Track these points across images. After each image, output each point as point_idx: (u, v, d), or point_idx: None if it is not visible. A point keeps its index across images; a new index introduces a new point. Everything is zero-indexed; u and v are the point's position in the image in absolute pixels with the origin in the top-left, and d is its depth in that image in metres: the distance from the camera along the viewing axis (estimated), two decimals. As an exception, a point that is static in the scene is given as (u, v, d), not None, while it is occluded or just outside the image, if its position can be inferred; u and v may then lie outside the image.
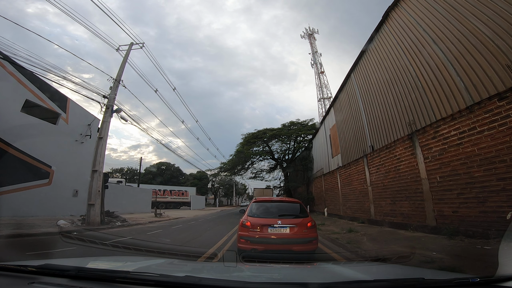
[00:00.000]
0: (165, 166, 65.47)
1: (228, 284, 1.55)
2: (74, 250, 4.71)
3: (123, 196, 22.60)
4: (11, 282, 1.48)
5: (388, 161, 9.43)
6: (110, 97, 13.77)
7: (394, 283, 1.52)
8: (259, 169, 33.88)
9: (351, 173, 13.14)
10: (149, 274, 1.51)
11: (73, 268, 1.54)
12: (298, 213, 5.20)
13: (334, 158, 16.49)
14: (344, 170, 14.35)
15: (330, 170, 17.20)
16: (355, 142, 12.98)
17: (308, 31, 55.59)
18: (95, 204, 11.52)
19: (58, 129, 16.17)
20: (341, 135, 15.32)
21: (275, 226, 4.72)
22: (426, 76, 7.88)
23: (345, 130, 14.68)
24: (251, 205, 5.45)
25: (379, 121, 10.53)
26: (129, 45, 15.79)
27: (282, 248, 4.59)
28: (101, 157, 12.44)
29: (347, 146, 14.19)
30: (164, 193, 42.41)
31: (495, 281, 1.33)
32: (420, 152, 7.71)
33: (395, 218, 8.90)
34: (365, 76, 12.32)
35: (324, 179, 18.62)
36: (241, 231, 4.87)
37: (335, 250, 6.45)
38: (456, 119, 6.56)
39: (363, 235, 8.32)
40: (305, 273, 2.23)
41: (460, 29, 6.69)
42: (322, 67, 52.68)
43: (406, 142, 8.47)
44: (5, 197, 11.91)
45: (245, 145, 26.36)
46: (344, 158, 14.56)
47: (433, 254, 4.81)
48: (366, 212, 11.22)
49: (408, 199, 8.15)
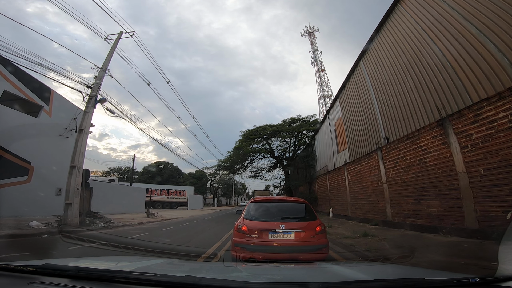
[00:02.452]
0: (163, 165, 64.97)
1: (228, 284, 1.55)
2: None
3: (114, 195, 21.24)
4: (11, 282, 1.47)
5: (410, 153, 8.10)
6: (94, 86, 12.44)
7: (394, 283, 1.53)
8: (259, 168, 32.53)
9: (362, 169, 11.81)
10: (149, 274, 1.51)
11: (73, 268, 1.55)
12: (305, 215, 4.44)
13: (340, 153, 15.16)
14: (352, 166, 13.02)
15: (335, 167, 15.86)
16: (366, 135, 11.65)
17: (308, 29, 54.60)
18: (73, 203, 10.16)
19: (40, 122, 14.82)
20: (349, 128, 13.99)
21: (277, 231, 3.97)
22: (456, 55, 6.72)
23: (353, 122, 13.35)
24: (248, 205, 4.65)
25: (396, 110, 9.21)
26: (118, 34, 14.56)
27: (286, 257, 3.83)
28: (81, 151, 11.08)
29: (355, 140, 12.85)
30: (161, 193, 40.96)
31: (495, 281, 1.32)
32: (455, 141, 6.39)
33: (419, 220, 7.57)
34: (377, 61, 11.00)
35: (328, 177, 17.27)
36: (236, 237, 4.11)
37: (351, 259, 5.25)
38: (505, 97, 5.26)
39: (383, 240, 6.99)
40: (305, 273, 2.19)
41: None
42: (322, 65, 51.84)
43: (434, 130, 7.14)
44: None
45: (244, 141, 24.89)
46: (352, 153, 13.22)
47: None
48: (380, 213, 9.89)
49: (439, 197, 6.81)
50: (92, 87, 12.42)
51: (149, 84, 17.36)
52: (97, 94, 12.49)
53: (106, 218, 12.67)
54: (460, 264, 4.13)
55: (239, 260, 2.62)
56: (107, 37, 14.33)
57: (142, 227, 12.11)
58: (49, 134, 15.32)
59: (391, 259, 3.37)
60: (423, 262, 4.49)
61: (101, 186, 20.34)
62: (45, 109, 15.30)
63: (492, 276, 1.35)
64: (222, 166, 27.81)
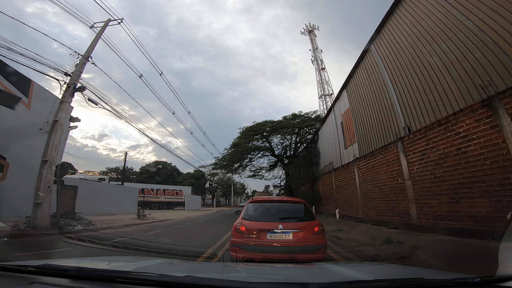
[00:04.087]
0: (162, 165, 64.19)
1: (228, 284, 1.55)
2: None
3: (103, 195, 19.79)
4: (11, 282, 1.46)
5: (444, 142, 6.69)
6: (73, 74, 11.06)
7: (394, 283, 1.52)
8: (258, 167, 31.04)
9: (376, 165, 10.40)
10: (149, 274, 1.50)
11: (73, 268, 1.54)
12: (303, 215, 4.47)
13: (348, 148, 13.78)
14: (364, 162, 11.62)
15: (342, 164, 14.45)
16: (380, 126, 10.26)
17: (308, 28, 53.79)
18: (43, 203, 8.75)
19: (17, 115, 13.38)
20: (358, 120, 12.61)
21: (276, 232, 4.03)
22: (498, 29, 5.46)
23: (364, 113, 11.98)
24: (246, 206, 4.71)
25: (420, 94, 7.82)
26: (105, 21, 13.29)
27: (284, 258, 3.85)
28: (55, 145, 9.65)
29: (367, 132, 11.47)
30: (157, 193, 39.40)
31: (495, 281, 1.32)
32: (508, 123, 5.00)
33: (457, 223, 6.16)
34: (392, 43, 9.62)
35: (334, 175, 15.86)
36: (234, 238, 4.19)
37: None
38: None
39: (413, 248, 5.55)
40: (305, 273, 2.14)
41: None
42: (322, 63, 50.97)
43: (478, 111, 5.73)
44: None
45: (242, 138, 23.36)
46: (363, 147, 11.83)
47: None
48: (402, 215, 8.48)
49: (487, 194, 5.40)
50: (71, 75, 11.05)
51: (140, 77, 16.28)
52: (77, 82, 11.10)
53: (86, 220, 11.22)
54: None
55: (239, 260, 2.58)
56: (93, 25, 13.14)
57: (126, 230, 10.67)
58: (28, 128, 13.91)
59: (391, 259, 3.33)
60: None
61: (89, 186, 18.90)
62: (23, 101, 13.86)
63: (492, 276, 1.34)
64: (220, 164, 26.21)
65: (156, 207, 37.78)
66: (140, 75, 16.43)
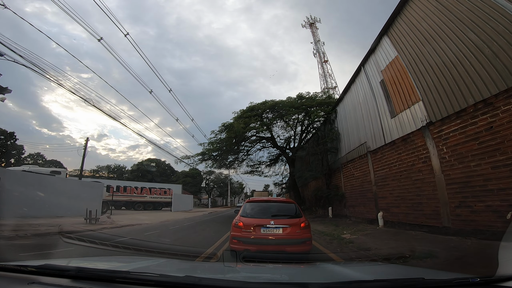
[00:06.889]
0: (155, 163, 59.68)
1: (228, 284, 1.56)
2: None
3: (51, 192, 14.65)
4: (11, 282, 1.45)
5: None
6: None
7: (394, 283, 1.51)
8: (257, 161, 25.80)
9: (495, 130, 5.29)
10: (149, 274, 1.50)
11: (73, 268, 1.53)
12: (293, 213, 5.12)
13: (401, 115, 8.69)
14: (453, 127, 6.49)
15: (392, 140, 9.29)
16: (486, 59, 5.17)
17: (310, 20, 50.95)
18: None
19: None
20: (422, 67, 7.56)
21: (268, 227, 4.67)
22: None
23: (434, 50, 6.93)
24: (244, 205, 5.43)
25: None
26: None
27: (275, 249, 4.54)
28: None
29: (448, 79, 6.41)
30: (142, 191, 33.98)
31: (495, 281, 1.30)
32: None
33: None
34: None
35: (372, 160, 10.69)
36: (233, 232, 4.81)
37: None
38: None
39: None
40: (305, 273, 2.17)
41: None
42: (325, 56, 47.57)
43: None
44: None
45: (237, 119, 18.03)
46: (442, 103, 6.75)
47: None
48: None
49: None
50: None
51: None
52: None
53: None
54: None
55: (239, 260, 2.59)
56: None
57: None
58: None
59: (391, 259, 3.30)
60: None
61: (27, 179, 13.78)
62: None
63: (492, 276, 1.33)
64: (208, 155, 20.74)
65: (141, 208, 32.61)
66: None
